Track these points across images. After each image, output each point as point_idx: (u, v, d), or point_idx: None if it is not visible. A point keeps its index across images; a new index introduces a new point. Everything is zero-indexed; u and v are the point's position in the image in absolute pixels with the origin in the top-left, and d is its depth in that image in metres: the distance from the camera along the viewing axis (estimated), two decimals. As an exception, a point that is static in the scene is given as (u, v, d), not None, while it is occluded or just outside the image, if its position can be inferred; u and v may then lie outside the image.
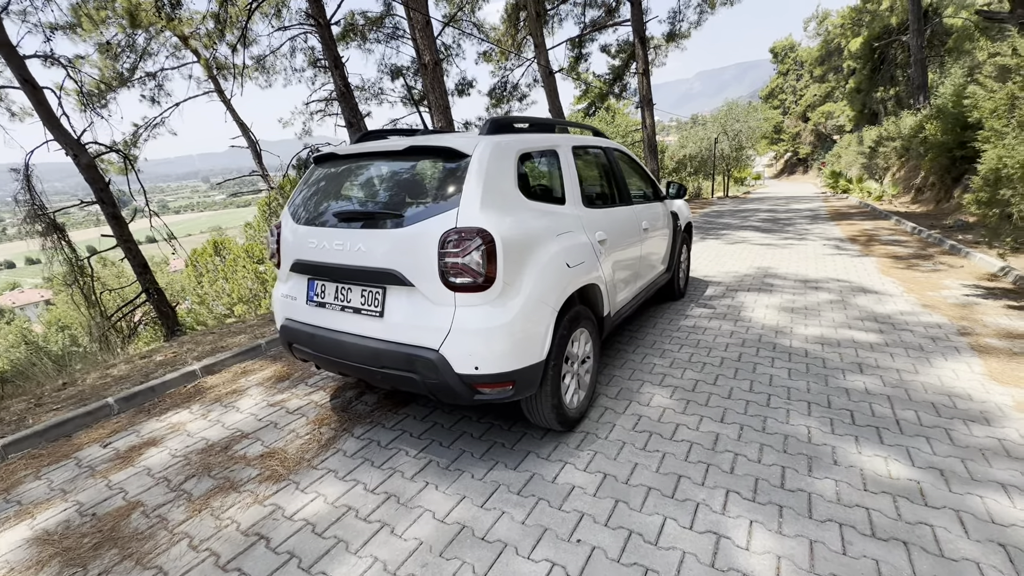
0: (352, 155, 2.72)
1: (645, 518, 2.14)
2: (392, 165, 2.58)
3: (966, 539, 1.94)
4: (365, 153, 2.67)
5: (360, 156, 2.70)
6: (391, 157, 2.58)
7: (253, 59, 17.20)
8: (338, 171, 2.79)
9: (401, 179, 2.54)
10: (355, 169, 2.73)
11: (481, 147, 2.38)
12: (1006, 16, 14.61)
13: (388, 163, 2.60)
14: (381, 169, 2.63)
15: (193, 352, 4.79)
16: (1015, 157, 3.97)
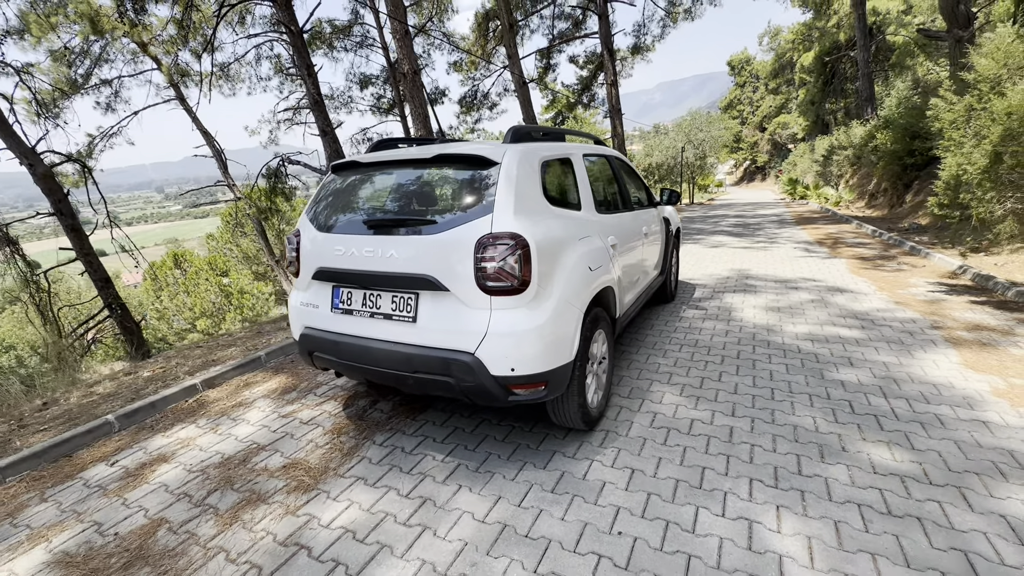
0: (375, 163, 2.74)
1: (678, 508, 2.24)
2: (419, 172, 2.62)
3: (971, 512, 2.12)
4: (390, 161, 2.70)
5: (384, 164, 2.73)
6: (418, 165, 2.62)
7: (217, 66, 16.72)
8: (361, 179, 2.81)
9: (430, 186, 2.58)
10: (380, 177, 2.76)
11: (509, 155, 2.46)
12: (943, 34, 15.77)
13: (415, 170, 2.64)
14: (408, 176, 2.66)
15: (183, 366, 4.65)
16: (974, 164, 4.33)
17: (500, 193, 2.33)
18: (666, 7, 22.23)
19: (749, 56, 53.95)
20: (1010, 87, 4.13)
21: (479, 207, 2.34)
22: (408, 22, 10.34)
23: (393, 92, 22.50)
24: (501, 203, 2.30)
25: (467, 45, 24.27)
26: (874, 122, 21.38)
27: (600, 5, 20.35)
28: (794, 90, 43.51)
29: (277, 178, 17.38)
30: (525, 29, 22.09)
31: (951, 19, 14.54)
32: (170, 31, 15.74)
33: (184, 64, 17.46)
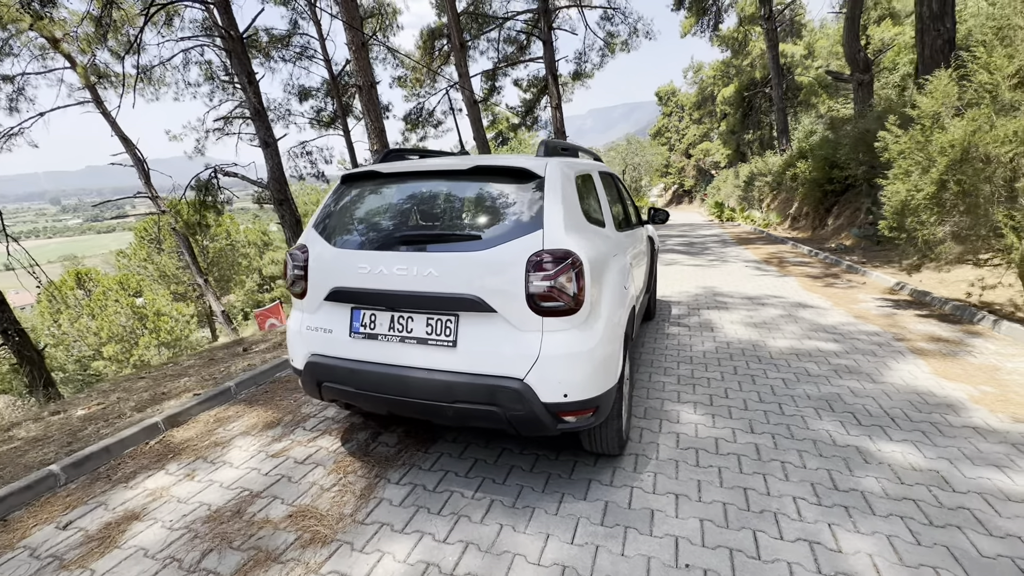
0: (401, 174, 2.52)
1: (736, 534, 2.17)
2: (453, 185, 2.44)
3: (999, 517, 2.22)
4: (419, 172, 2.49)
5: (412, 175, 2.52)
6: (452, 176, 2.44)
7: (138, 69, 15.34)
8: (383, 190, 2.57)
9: (466, 199, 2.40)
10: (406, 188, 2.53)
11: (552, 167, 2.35)
12: (847, 76, 17.71)
13: (448, 182, 2.45)
14: (440, 189, 2.47)
15: (127, 401, 4.05)
16: (921, 191, 4.77)
17: (548, 208, 2.21)
18: (605, 38, 23.33)
19: (675, 88, 57.87)
20: (950, 122, 4.63)
21: (526, 222, 2.19)
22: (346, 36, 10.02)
23: (335, 105, 21.84)
24: (551, 218, 2.18)
25: (412, 62, 24.08)
26: (789, 152, 23.55)
27: (545, 32, 20.98)
28: (716, 121, 47.04)
29: (208, 191, 16.15)
30: (473, 51, 22.28)
31: (853, 64, 16.34)
32: (87, 28, 14.27)
33: (103, 65, 15.88)
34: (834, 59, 30.39)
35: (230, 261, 35.78)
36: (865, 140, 11.92)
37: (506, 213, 2.27)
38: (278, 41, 20.49)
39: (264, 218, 57.57)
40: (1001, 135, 4.17)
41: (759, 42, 30.35)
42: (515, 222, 2.22)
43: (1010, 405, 3.26)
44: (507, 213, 2.27)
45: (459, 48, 16.32)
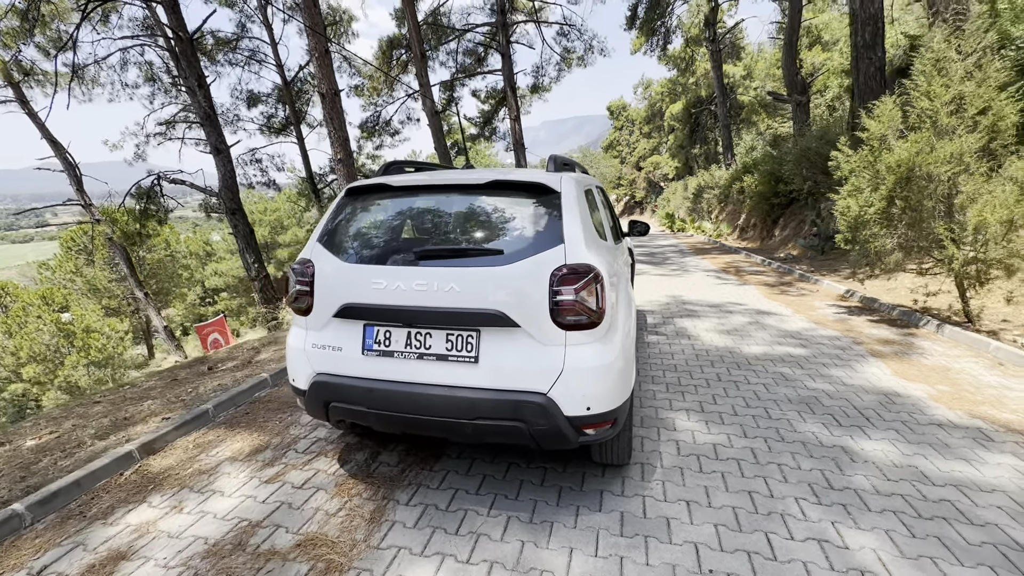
0: (412, 187, 2.47)
1: (749, 536, 2.26)
2: (468, 199, 2.42)
3: (976, 507, 2.42)
4: (433, 186, 2.46)
5: (425, 189, 2.48)
6: (467, 190, 2.42)
7: (73, 68, 14.26)
8: (393, 204, 2.51)
9: (483, 213, 2.39)
10: (419, 202, 2.49)
11: (567, 183, 2.38)
12: (786, 97, 18.97)
13: (463, 196, 2.43)
14: (456, 203, 2.44)
15: (85, 429, 3.72)
16: (872, 206, 5.18)
17: (568, 223, 2.24)
18: (561, 53, 23.90)
19: (625, 103, 60.00)
20: (896, 144, 5.07)
21: (546, 237, 2.21)
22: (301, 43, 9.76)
23: (288, 111, 21.12)
24: (571, 233, 2.21)
25: (370, 71, 23.72)
26: (734, 167, 24.91)
27: (503, 45, 21.24)
28: (664, 135, 49.11)
29: (150, 198, 15.21)
30: (432, 61, 22.23)
31: (791, 86, 17.55)
32: (10, 22, 13.15)
33: (29, 61, 14.67)
34: (770, 80, 32.53)
35: (169, 273, 33.65)
36: (807, 157, 12.81)
37: (525, 228, 2.28)
38: (225, 44, 19.67)
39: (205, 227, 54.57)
40: (941, 156, 4.60)
41: (704, 62, 32.01)
42: (535, 237, 2.23)
43: (965, 402, 3.57)
44: (526, 228, 2.28)
45: (420, 58, 16.24)
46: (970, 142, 4.54)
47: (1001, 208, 4.28)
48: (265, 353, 5.66)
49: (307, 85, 21.37)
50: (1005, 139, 4.64)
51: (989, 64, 4.59)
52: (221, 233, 44.81)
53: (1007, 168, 4.65)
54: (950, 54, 4.77)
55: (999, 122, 4.54)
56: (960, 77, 4.64)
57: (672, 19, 27.84)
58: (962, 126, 4.66)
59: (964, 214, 4.71)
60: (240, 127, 22.19)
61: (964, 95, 4.63)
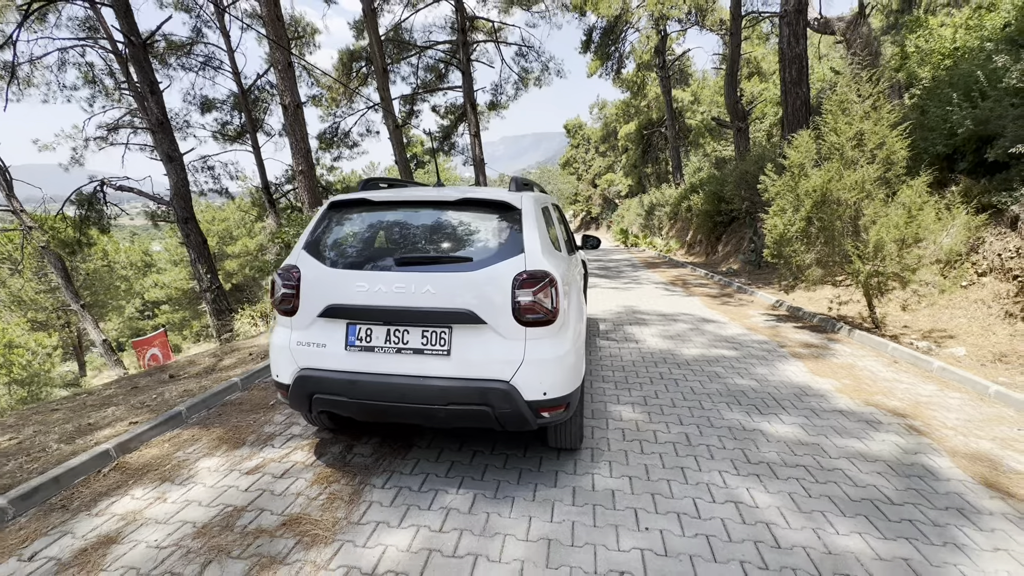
0: (391, 202, 2.79)
1: (680, 502, 2.67)
2: (441, 214, 2.76)
3: (861, 472, 2.95)
4: (411, 201, 2.78)
5: (403, 204, 2.80)
6: (441, 206, 2.76)
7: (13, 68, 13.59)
8: (374, 216, 2.81)
9: (454, 226, 2.73)
10: (398, 215, 2.80)
11: (526, 201, 2.77)
12: (728, 124, 20.39)
13: (437, 211, 2.76)
14: (430, 216, 2.77)
15: (47, 435, 3.75)
16: (794, 226, 5.89)
17: (527, 235, 2.62)
18: (520, 72, 24.70)
19: (582, 122, 62.06)
20: (812, 171, 5.81)
21: (508, 247, 2.58)
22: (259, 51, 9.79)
23: (244, 119, 20.73)
24: (529, 244, 2.59)
25: (329, 81, 23.65)
26: (683, 186, 26.38)
27: (464, 63, 21.75)
28: (619, 154, 51.12)
29: (91, 205, 14.57)
30: (393, 75, 22.43)
31: (733, 113, 18.94)
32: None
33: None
34: (715, 107, 34.70)
35: (106, 284, 31.74)
36: (746, 179, 13.91)
37: (491, 239, 2.65)
38: (178, 48, 19.20)
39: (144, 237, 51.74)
40: (848, 183, 5.35)
41: (655, 87, 33.77)
42: (499, 246, 2.60)
43: (863, 392, 4.19)
44: (491, 239, 2.65)
45: (382, 72, 16.47)
46: (870, 172, 5.31)
47: (894, 229, 5.03)
48: (227, 360, 5.71)
49: (264, 94, 21.10)
50: (897, 170, 5.44)
51: (883, 106, 5.41)
52: (163, 243, 42.73)
53: (900, 195, 5.46)
54: (851, 96, 5.56)
55: (891, 155, 5.34)
56: (860, 116, 5.43)
57: (625, 45, 29.26)
58: (863, 158, 5.44)
59: (867, 233, 5.47)
60: (191, 133, 21.56)
61: (864, 132, 5.41)
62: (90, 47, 16.26)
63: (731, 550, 2.29)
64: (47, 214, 15.87)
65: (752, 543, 2.34)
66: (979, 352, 5.19)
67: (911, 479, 2.88)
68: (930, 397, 4.09)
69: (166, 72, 19.62)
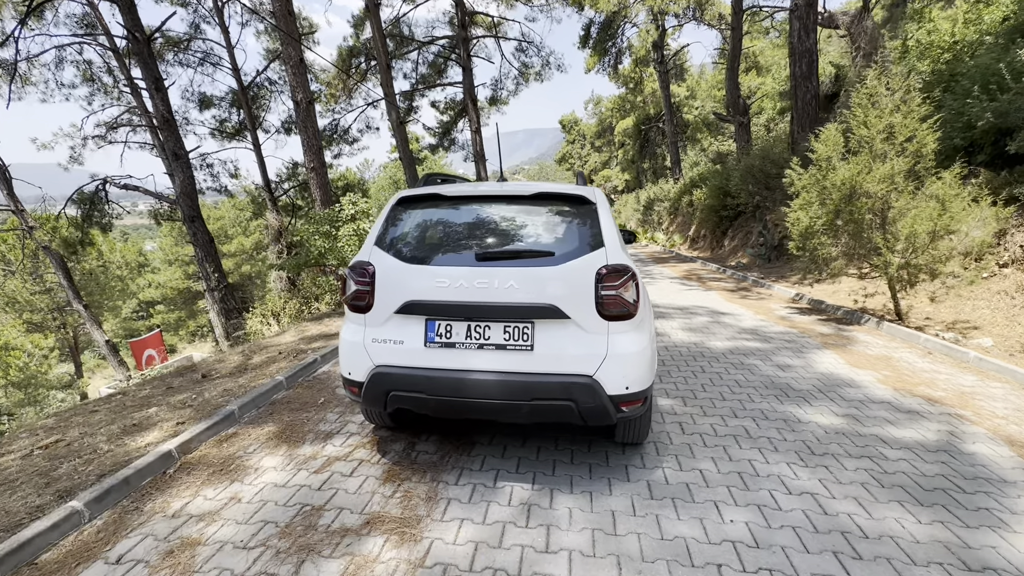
0: (465, 197, 2.77)
1: (756, 494, 2.69)
2: (517, 208, 2.74)
3: (925, 463, 2.98)
4: (484, 196, 2.76)
5: (475, 199, 2.78)
6: (516, 201, 2.74)
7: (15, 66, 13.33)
8: (447, 211, 2.79)
9: (531, 221, 2.72)
10: (471, 211, 2.78)
11: (598, 195, 2.76)
12: (729, 118, 20.44)
13: (512, 206, 2.75)
14: (504, 212, 2.75)
15: (95, 436, 3.71)
16: (820, 219, 5.92)
17: (604, 229, 2.61)
18: (520, 68, 24.63)
19: (577, 118, 62.00)
20: (839, 164, 5.85)
21: (587, 241, 2.58)
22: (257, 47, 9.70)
23: (243, 116, 20.48)
24: (608, 238, 2.58)
25: (327, 78, 23.44)
26: (682, 181, 26.45)
27: (464, 58, 21.63)
28: (615, 149, 51.17)
29: (94, 205, 14.37)
30: (395, 72, 22.25)
31: (734, 108, 19.00)
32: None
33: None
34: (711, 101, 34.78)
35: (102, 284, 31.36)
36: (752, 174, 13.96)
37: (570, 233, 2.64)
38: (176, 44, 18.93)
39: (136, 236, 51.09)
40: (877, 176, 5.38)
41: (651, 82, 33.79)
42: (579, 241, 2.59)
43: (906, 383, 4.23)
44: (570, 233, 2.64)
45: (386, 68, 16.33)
46: (900, 165, 5.34)
47: (927, 221, 5.07)
48: (257, 359, 5.66)
49: (264, 90, 20.87)
50: (926, 163, 5.48)
51: (913, 99, 5.44)
52: (157, 242, 42.25)
53: (928, 187, 5.50)
54: (881, 89, 5.59)
55: (922, 148, 5.38)
56: (890, 110, 5.46)
57: (623, 40, 29.22)
58: (892, 151, 5.48)
59: (895, 226, 5.51)
60: (190, 131, 21.27)
61: (894, 125, 5.45)
62: (88, 44, 15.99)
63: (820, 540, 2.31)
64: (48, 213, 15.61)
65: (839, 533, 2.36)
66: (1006, 343, 5.25)
67: (975, 467, 2.91)
68: (973, 387, 4.14)
69: (164, 69, 19.35)
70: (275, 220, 19.57)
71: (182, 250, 36.89)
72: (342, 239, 7.40)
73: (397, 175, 30.07)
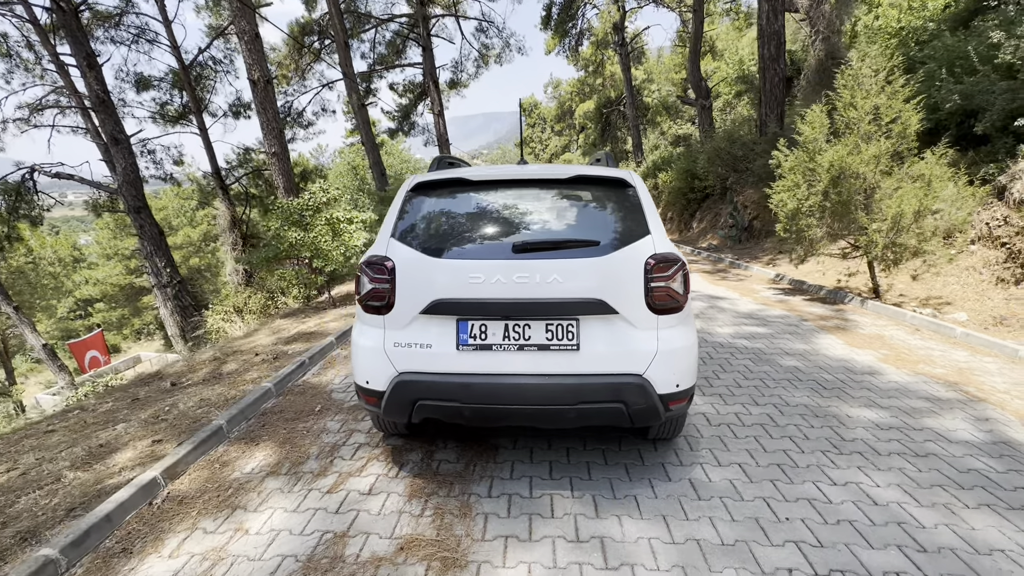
0: (491, 182, 2.48)
1: (800, 487, 2.60)
2: (552, 193, 2.48)
3: (950, 444, 2.99)
4: (511, 180, 2.48)
5: (502, 183, 2.49)
6: (551, 185, 2.48)
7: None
8: (472, 198, 2.49)
9: (569, 207, 2.47)
10: (499, 196, 2.49)
11: (636, 178, 2.55)
12: (692, 101, 20.70)
13: (547, 191, 2.48)
14: (538, 197, 2.48)
15: (56, 462, 3.25)
16: (808, 200, 5.96)
17: (648, 215, 2.40)
18: (480, 49, 24.01)
19: (537, 101, 61.51)
20: (826, 146, 5.88)
21: (631, 228, 2.36)
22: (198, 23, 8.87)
23: (187, 98, 18.96)
24: (653, 225, 2.38)
25: (278, 57, 22.10)
26: (645, 164, 26.71)
27: (424, 38, 20.87)
28: (575, 133, 51.17)
29: (20, 196, 13.00)
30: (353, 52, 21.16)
31: (697, 91, 19.22)
32: None
33: None
34: (668, 84, 35.18)
35: (32, 283, 28.85)
36: (719, 156, 14.16)
37: (612, 220, 2.41)
38: (107, 18, 17.23)
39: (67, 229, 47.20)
40: (866, 157, 5.43)
41: (610, 64, 33.77)
42: (624, 229, 2.37)
43: (906, 362, 4.30)
44: (612, 220, 2.41)
45: (344, 46, 15.46)
46: (887, 146, 5.41)
47: (913, 200, 5.16)
48: (232, 364, 5.19)
49: (208, 70, 19.35)
50: (909, 144, 5.58)
51: (896, 80, 5.50)
52: (93, 235, 39.21)
53: (910, 167, 5.62)
54: (865, 70, 5.62)
55: (906, 129, 5.46)
56: (876, 91, 5.50)
57: (583, 21, 28.98)
58: (879, 132, 5.54)
59: (881, 206, 5.60)
60: (127, 114, 19.55)
61: (879, 106, 5.50)
62: (3, 15, 14.26)
63: (880, 534, 2.23)
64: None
65: (896, 525, 2.29)
66: (979, 317, 5.48)
67: (998, 445, 2.94)
68: (968, 363, 4.26)
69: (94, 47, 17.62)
70: (227, 209, 18.36)
71: (121, 243, 34.39)
72: (315, 229, 6.90)
73: (356, 161, 28.80)
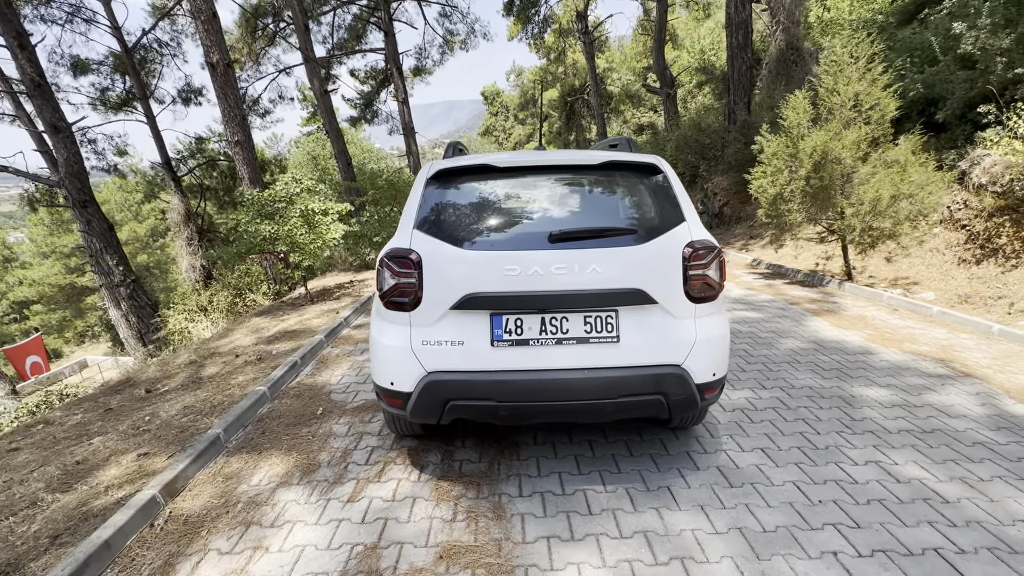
0: (518, 168, 2.35)
1: (824, 468, 2.64)
2: (583, 180, 2.37)
3: (951, 418, 3.11)
4: (539, 167, 2.36)
5: (530, 170, 2.36)
6: (582, 171, 2.37)
7: None
8: (499, 186, 2.35)
9: (602, 194, 2.37)
10: (527, 184, 2.36)
11: (665, 164, 2.47)
12: (658, 90, 20.97)
13: (577, 177, 2.37)
14: (569, 185, 2.37)
15: (28, 484, 2.95)
16: (791, 186, 6.10)
17: (681, 201, 2.34)
18: (444, 35, 23.50)
19: (499, 89, 60.90)
20: (808, 132, 6.02)
21: (667, 215, 2.30)
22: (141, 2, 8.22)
23: (130, 84, 17.65)
24: (688, 212, 2.32)
25: (231, 41, 20.89)
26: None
27: (386, 22, 20.21)
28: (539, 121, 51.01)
29: None
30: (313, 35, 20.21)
31: (662, 79, 19.46)
32: None
33: None
34: (630, 73, 35.48)
35: (-43, 285, 26.55)
36: (688, 144, 14.40)
37: (647, 207, 2.34)
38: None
39: (-6, 226, 43.60)
40: (848, 142, 5.59)
41: (574, 52, 33.74)
42: (659, 216, 2.30)
43: (891, 341, 4.47)
44: (648, 207, 2.34)
45: (304, 30, 14.72)
46: (866, 132, 5.58)
47: (891, 185, 5.35)
48: (212, 367, 4.87)
49: (153, 53, 18.07)
50: (885, 130, 5.78)
51: (876, 67, 5.67)
52: (25, 232, 36.36)
53: (883, 153, 5.82)
54: (846, 58, 5.77)
55: (883, 116, 5.65)
56: (856, 78, 5.65)
57: (546, 8, 28.76)
58: (859, 118, 5.70)
59: (859, 190, 5.79)
60: (63, 99, 18.03)
61: (859, 93, 5.65)
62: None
63: (910, 511, 2.28)
64: None
65: (923, 501, 2.35)
66: (945, 296, 5.78)
67: (994, 418, 3.08)
68: (949, 340, 4.47)
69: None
70: (180, 203, 17.31)
71: (59, 240, 32.08)
72: (289, 221, 6.54)
73: (316, 150, 27.66)
